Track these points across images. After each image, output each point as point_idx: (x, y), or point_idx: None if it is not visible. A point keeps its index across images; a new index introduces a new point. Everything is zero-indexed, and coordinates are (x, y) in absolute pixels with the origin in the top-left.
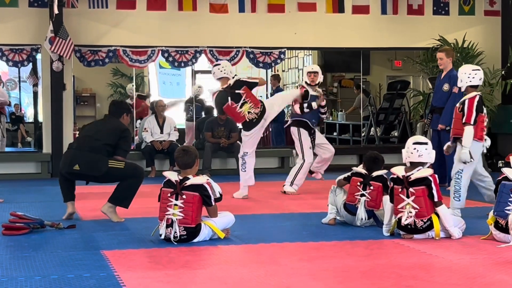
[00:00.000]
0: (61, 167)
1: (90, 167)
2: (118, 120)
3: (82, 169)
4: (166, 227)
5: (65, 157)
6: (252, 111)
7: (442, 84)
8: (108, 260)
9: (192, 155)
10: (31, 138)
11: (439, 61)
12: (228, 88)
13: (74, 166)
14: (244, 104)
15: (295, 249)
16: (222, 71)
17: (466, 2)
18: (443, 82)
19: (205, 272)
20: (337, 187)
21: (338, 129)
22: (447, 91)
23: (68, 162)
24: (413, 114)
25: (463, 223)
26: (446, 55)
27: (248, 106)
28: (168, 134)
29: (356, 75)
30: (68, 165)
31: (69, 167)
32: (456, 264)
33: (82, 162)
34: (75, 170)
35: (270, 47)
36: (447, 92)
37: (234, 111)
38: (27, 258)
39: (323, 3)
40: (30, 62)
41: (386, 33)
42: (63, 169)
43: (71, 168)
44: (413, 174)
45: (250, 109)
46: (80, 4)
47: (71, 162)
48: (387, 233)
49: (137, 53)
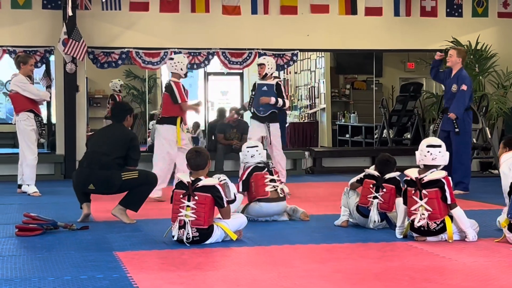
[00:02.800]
0: (75, 185)
1: (105, 186)
2: (123, 128)
3: (97, 188)
4: (178, 228)
5: (77, 176)
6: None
7: (451, 84)
8: (120, 261)
9: (204, 157)
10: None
11: (448, 58)
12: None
13: (89, 185)
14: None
15: (308, 251)
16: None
17: (479, 3)
18: (452, 82)
19: (218, 273)
20: (350, 189)
21: (350, 131)
22: (455, 91)
23: (82, 182)
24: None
25: (477, 226)
26: (457, 53)
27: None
28: None
29: (368, 77)
30: (83, 185)
31: (84, 187)
32: (469, 266)
33: (96, 182)
34: (90, 189)
35: (283, 49)
36: (455, 93)
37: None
38: (41, 259)
39: (336, 5)
40: (43, 63)
41: (399, 35)
42: (77, 188)
43: (86, 188)
44: (426, 176)
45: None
46: (94, 6)
47: (85, 182)
48: (400, 235)
49: (150, 55)
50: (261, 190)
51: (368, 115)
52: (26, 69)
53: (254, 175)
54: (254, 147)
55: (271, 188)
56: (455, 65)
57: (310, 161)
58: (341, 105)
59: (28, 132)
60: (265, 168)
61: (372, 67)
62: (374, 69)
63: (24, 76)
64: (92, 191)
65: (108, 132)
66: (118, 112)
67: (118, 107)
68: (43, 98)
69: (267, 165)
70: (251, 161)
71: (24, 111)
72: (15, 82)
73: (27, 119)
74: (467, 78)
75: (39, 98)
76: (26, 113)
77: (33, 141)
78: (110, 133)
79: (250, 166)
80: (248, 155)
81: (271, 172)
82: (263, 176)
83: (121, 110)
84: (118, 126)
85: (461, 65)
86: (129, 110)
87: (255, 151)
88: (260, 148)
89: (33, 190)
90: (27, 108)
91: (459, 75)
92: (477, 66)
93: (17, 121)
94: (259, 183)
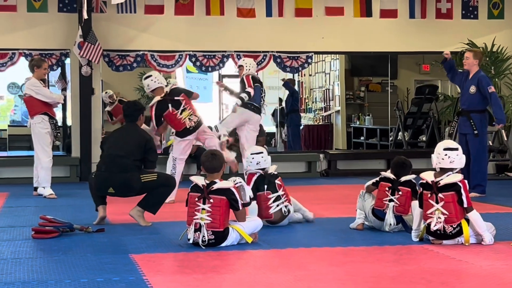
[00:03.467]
0: (94, 189)
1: (125, 189)
2: (137, 129)
3: (117, 192)
4: (194, 231)
5: (96, 180)
6: (192, 118)
7: (469, 86)
8: (137, 264)
9: (220, 159)
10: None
11: (465, 60)
12: (166, 96)
13: (109, 189)
14: (184, 110)
15: (323, 254)
16: (156, 81)
17: (495, 5)
18: (470, 84)
19: (233, 276)
20: (366, 192)
21: (365, 133)
22: (474, 93)
23: (101, 185)
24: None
25: (493, 229)
26: (473, 55)
27: (187, 113)
28: None
29: (383, 79)
30: (102, 189)
31: (104, 191)
32: (486, 270)
33: (116, 185)
34: (110, 193)
35: (297, 52)
36: (474, 94)
37: (174, 118)
38: (57, 262)
39: (351, 7)
40: (59, 66)
41: (414, 37)
42: (97, 191)
43: (106, 192)
44: (442, 179)
45: (190, 116)
46: (109, 9)
47: (105, 185)
48: (416, 239)
49: (165, 57)
50: (265, 213)
51: (383, 118)
52: (40, 73)
53: (257, 195)
54: (259, 154)
55: (276, 209)
56: (472, 67)
57: (325, 164)
58: (355, 107)
59: (43, 135)
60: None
61: (387, 69)
62: (389, 71)
63: (37, 79)
64: (112, 194)
65: (123, 134)
66: (131, 112)
67: (130, 106)
68: (57, 101)
69: (272, 177)
70: (255, 169)
71: (38, 114)
72: (29, 86)
73: (41, 122)
74: (488, 79)
75: (53, 101)
76: (40, 116)
77: (47, 143)
78: (126, 135)
79: (254, 174)
80: (254, 162)
81: (273, 186)
82: (266, 197)
83: (134, 109)
84: (133, 127)
85: (478, 67)
86: (141, 109)
87: (260, 158)
88: (265, 153)
89: (49, 193)
90: (41, 111)
91: (477, 77)
92: (493, 68)
93: (32, 124)
94: (263, 206)
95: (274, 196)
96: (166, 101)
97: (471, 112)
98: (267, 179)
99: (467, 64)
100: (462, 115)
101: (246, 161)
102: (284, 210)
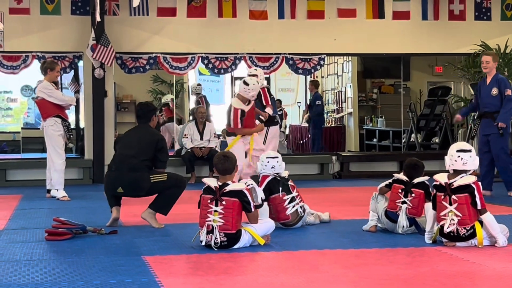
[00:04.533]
0: (105, 189)
1: (133, 188)
2: (149, 129)
3: (126, 191)
4: (206, 233)
5: (107, 180)
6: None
7: (490, 88)
8: (149, 265)
9: (232, 161)
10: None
11: (485, 64)
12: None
13: (118, 188)
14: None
15: (336, 256)
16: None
17: (508, 7)
18: (491, 86)
19: (246, 278)
20: (379, 194)
21: (378, 135)
22: (496, 95)
23: (111, 185)
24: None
25: (507, 231)
26: (492, 59)
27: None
28: (208, 140)
29: (396, 81)
30: (112, 189)
31: (113, 190)
32: (500, 272)
33: (125, 184)
34: (120, 193)
35: (310, 53)
36: (496, 96)
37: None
38: (70, 263)
39: (363, 9)
40: (72, 69)
41: (427, 38)
42: (108, 191)
43: (115, 191)
44: (456, 181)
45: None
46: (122, 12)
47: (114, 185)
48: (429, 241)
49: (178, 60)
50: (282, 215)
51: (396, 120)
52: (52, 75)
53: (271, 198)
54: (275, 158)
55: (292, 210)
56: (492, 70)
57: (338, 166)
58: (368, 109)
59: (55, 137)
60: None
61: (400, 71)
62: (402, 73)
63: (49, 82)
64: (121, 194)
65: (135, 135)
66: (144, 113)
67: (144, 107)
68: (69, 103)
69: (285, 180)
70: (270, 172)
71: (51, 117)
72: (41, 89)
73: (54, 125)
74: (507, 81)
75: (65, 103)
76: (53, 118)
77: (60, 146)
78: (137, 135)
79: (267, 176)
80: (269, 166)
81: (287, 188)
82: (281, 199)
83: (147, 110)
84: (145, 127)
85: (495, 69)
86: (154, 110)
87: (275, 162)
88: (280, 159)
89: (62, 195)
90: (53, 113)
91: (497, 78)
92: (506, 70)
93: (44, 127)
94: (279, 208)
95: (289, 198)
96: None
97: (494, 113)
98: (282, 181)
99: (488, 68)
100: (485, 117)
101: (260, 164)
102: (300, 210)
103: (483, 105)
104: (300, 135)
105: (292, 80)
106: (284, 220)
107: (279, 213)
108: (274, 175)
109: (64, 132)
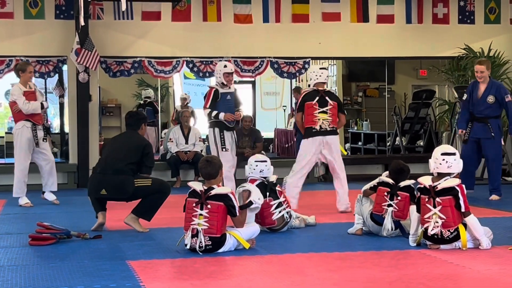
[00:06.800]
0: (89, 192)
1: (117, 191)
2: (137, 135)
3: (109, 194)
4: (191, 237)
5: (91, 182)
6: (325, 124)
7: (485, 96)
8: (134, 270)
9: (215, 166)
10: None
11: (480, 74)
12: (323, 92)
13: (101, 191)
14: (325, 112)
15: (321, 259)
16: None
17: (491, 10)
18: (486, 94)
19: (231, 282)
20: (363, 197)
21: (363, 138)
22: (493, 102)
23: (94, 187)
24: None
25: (491, 233)
26: (486, 67)
27: (326, 116)
28: (193, 144)
29: (381, 84)
30: (95, 191)
31: (96, 193)
32: (483, 274)
33: (109, 187)
34: (103, 195)
35: (295, 57)
36: (492, 103)
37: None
38: (54, 268)
39: (348, 13)
40: (56, 73)
41: (411, 42)
42: (91, 194)
43: (98, 194)
44: (440, 184)
45: (326, 120)
46: (106, 16)
47: (98, 187)
48: (413, 244)
49: (162, 63)
50: (268, 220)
51: (381, 123)
52: (25, 77)
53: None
54: (263, 162)
55: (278, 215)
56: (486, 77)
57: (323, 169)
58: (353, 112)
59: (19, 141)
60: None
61: (384, 75)
62: (387, 77)
63: (23, 84)
64: (105, 196)
65: (122, 139)
66: (134, 120)
67: (134, 115)
68: (30, 112)
69: (273, 185)
70: (257, 176)
71: (21, 120)
72: (11, 92)
73: (21, 128)
74: (505, 87)
75: (25, 111)
76: (22, 122)
77: (23, 151)
78: (124, 140)
79: (255, 180)
80: (257, 170)
81: (275, 193)
82: (268, 204)
83: (137, 119)
84: (133, 133)
85: None
86: (144, 118)
87: (264, 166)
88: (269, 163)
89: (24, 202)
90: (24, 117)
91: (494, 86)
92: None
93: (14, 130)
94: (265, 213)
95: (276, 203)
96: (317, 94)
97: (489, 118)
98: (269, 186)
99: (483, 77)
100: (479, 122)
101: (249, 167)
102: (286, 216)
103: (478, 111)
104: (285, 139)
105: (277, 83)
106: (270, 225)
107: (265, 218)
108: (261, 179)
109: (33, 137)
